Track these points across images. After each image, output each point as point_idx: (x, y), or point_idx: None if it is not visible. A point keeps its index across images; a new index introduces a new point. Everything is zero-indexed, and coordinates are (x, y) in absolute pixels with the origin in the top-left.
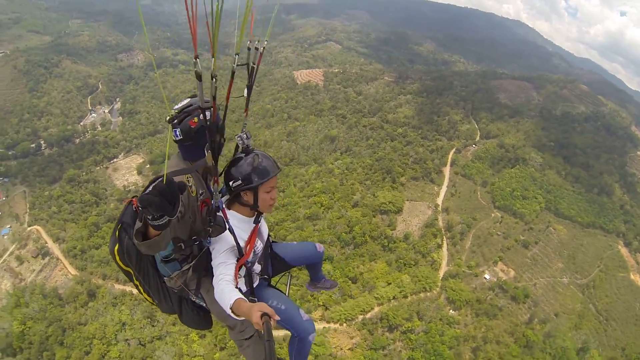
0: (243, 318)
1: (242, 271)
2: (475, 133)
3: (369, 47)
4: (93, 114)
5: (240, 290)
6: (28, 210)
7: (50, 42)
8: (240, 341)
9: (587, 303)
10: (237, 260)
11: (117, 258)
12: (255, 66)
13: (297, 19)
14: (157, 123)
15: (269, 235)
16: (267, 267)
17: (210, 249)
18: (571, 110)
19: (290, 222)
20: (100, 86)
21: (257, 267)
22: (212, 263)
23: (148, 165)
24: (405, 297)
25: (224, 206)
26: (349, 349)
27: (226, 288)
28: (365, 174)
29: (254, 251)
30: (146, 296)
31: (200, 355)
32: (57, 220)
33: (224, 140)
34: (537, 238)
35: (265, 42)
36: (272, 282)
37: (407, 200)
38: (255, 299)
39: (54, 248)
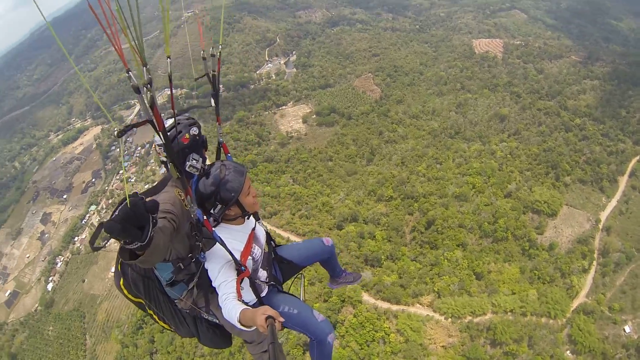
0: (254, 327)
1: (245, 282)
2: None
3: (559, 18)
4: (269, 64)
5: (246, 302)
6: None
7: (234, 1)
8: (260, 354)
9: None
10: (238, 275)
11: (125, 291)
12: (215, 74)
13: None
14: (329, 77)
15: (272, 240)
16: (274, 272)
17: (206, 267)
18: None
19: (437, 197)
20: (278, 40)
21: (263, 274)
22: (214, 284)
23: (314, 116)
24: (524, 315)
25: (204, 217)
26: (442, 346)
27: (230, 304)
28: (528, 164)
29: (253, 258)
30: (162, 324)
31: None
32: None
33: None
34: None
35: (220, 47)
36: (285, 287)
37: (566, 204)
38: None
39: None
